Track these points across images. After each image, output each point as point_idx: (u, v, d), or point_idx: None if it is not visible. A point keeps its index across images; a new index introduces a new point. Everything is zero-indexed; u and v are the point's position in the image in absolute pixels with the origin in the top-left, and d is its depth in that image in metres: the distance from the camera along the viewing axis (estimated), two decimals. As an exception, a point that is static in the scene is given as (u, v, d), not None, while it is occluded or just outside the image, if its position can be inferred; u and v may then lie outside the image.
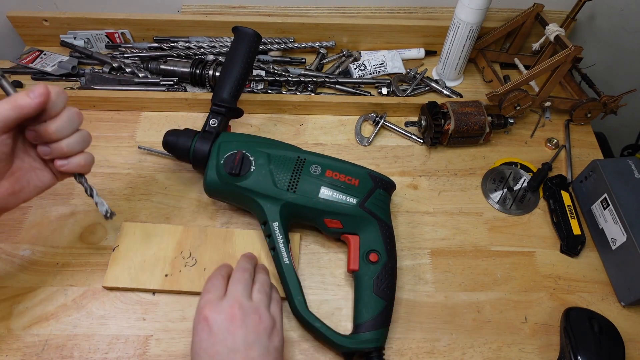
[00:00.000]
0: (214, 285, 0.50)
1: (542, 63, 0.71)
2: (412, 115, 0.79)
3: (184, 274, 0.59)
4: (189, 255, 0.61)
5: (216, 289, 0.50)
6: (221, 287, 0.50)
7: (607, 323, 0.58)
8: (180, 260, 0.60)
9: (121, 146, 0.73)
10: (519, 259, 0.65)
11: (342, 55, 0.85)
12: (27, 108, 0.44)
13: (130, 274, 0.59)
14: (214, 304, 0.48)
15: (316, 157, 0.62)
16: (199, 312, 0.48)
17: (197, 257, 0.60)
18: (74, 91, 0.75)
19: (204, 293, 0.50)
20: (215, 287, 0.50)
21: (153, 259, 0.60)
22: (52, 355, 0.55)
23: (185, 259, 0.60)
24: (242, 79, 0.65)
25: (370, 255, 0.58)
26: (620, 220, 0.61)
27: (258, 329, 0.47)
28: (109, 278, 0.59)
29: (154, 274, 0.59)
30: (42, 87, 0.45)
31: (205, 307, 0.48)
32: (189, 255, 0.61)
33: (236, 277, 0.52)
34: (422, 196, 0.71)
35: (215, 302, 0.48)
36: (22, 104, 0.44)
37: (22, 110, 0.44)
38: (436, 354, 0.57)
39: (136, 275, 0.59)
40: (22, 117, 0.45)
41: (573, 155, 0.76)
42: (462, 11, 0.72)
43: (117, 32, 0.82)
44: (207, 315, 0.47)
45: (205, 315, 0.47)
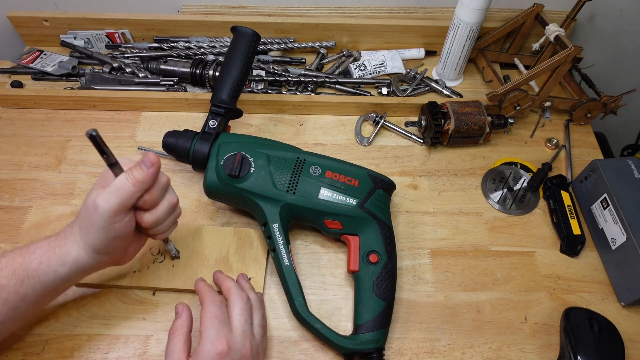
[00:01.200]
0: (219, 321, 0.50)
1: (542, 63, 0.71)
2: (412, 115, 0.79)
3: (152, 270, 0.60)
4: (158, 252, 0.61)
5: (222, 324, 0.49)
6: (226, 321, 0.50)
7: (607, 323, 0.58)
8: (149, 256, 0.61)
9: (121, 146, 0.73)
10: (519, 259, 0.65)
11: (342, 55, 0.85)
12: (146, 180, 0.45)
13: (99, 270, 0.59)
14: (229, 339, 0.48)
15: (316, 157, 0.62)
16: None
17: (166, 254, 0.61)
18: (74, 91, 0.75)
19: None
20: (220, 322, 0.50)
21: None
22: (52, 355, 0.55)
23: (154, 256, 0.61)
24: (241, 79, 0.65)
25: (370, 256, 0.58)
26: (620, 220, 0.61)
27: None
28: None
29: (123, 270, 0.59)
30: (152, 155, 0.46)
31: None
32: (157, 252, 0.61)
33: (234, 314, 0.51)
34: (422, 196, 0.71)
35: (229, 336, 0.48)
36: (140, 178, 0.45)
37: (142, 184, 0.45)
38: (436, 354, 0.57)
39: (105, 271, 0.58)
40: (143, 191, 0.46)
41: (573, 155, 0.76)
42: (462, 11, 0.72)
43: (117, 32, 0.82)
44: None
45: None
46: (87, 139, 0.41)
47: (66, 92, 0.75)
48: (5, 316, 0.46)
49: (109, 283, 0.59)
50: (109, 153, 0.43)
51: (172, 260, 0.60)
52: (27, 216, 0.65)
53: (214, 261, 0.61)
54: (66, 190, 0.68)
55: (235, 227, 0.64)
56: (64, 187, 0.68)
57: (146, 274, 0.59)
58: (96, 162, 0.71)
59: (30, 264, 0.46)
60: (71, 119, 0.76)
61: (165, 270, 0.60)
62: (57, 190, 0.68)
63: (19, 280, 0.45)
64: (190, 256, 0.61)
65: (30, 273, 0.46)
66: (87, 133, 0.40)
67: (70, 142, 0.73)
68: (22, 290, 0.46)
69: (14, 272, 0.45)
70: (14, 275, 0.45)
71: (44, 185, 0.68)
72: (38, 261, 0.46)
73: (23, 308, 0.47)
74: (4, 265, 0.46)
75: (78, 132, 0.74)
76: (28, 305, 0.47)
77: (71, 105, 0.76)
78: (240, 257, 0.61)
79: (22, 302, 0.46)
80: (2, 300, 0.45)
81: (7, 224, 0.65)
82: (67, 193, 0.68)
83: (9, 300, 0.45)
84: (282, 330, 0.58)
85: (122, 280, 0.59)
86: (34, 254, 0.46)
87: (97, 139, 0.41)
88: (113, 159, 0.44)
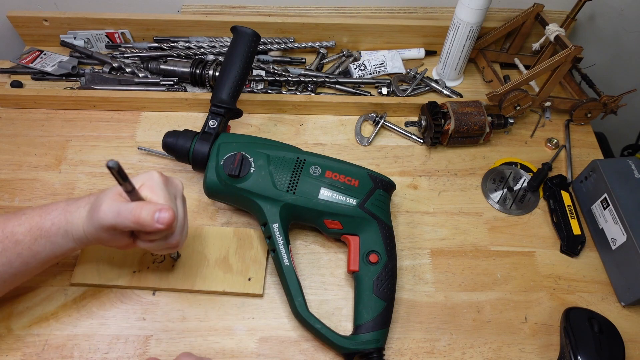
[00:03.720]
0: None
1: (542, 63, 0.71)
2: (412, 115, 0.79)
3: (152, 270, 0.60)
4: None
5: None
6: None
7: (607, 323, 0.58)
8: (149, 257, 0.61)
9: (121, 146, 0.73)
10: (519, 259, 0.65)
11: (342, 55, 0.85)
12: (147, 227, 0.45)
13: (98, 270, 0.59)
14: None
15: (316, 157, 0.62)
16: None
17: (166, 254, 0.61)
18: (74, 91, 0.75)
19: None
20: None
21: (121, 256, 0.60)
22: (52, 355, 0.55)
23: (154, 256, 0.61)
24: (241, 79, 0.65)
25: (370, 256, 0.58)
26: (620, 220, 0.61)
27: None
28: (77, 275, 0.59)
29: (122, 271, 0.59)
30: (169, 214, 0.45)
31: None
32: None
33: None
34: (422, 196, 0.71)
35: None
36: (144, 222, 0.44)
37: (141, 227, 0.45)
38: (436, 354, 0.57)
39: (104, 272, 0.59)
40: (140, 230, 0.46)
41: (573, 155, 0.76)
42: (462, 11, 0.72)
43: (117, 32, 0.82)
44: None
45: None
46: (91, 138, 0.41)
47: (66, 92, 0.75)
48: (17, 269, 0.49)
49: (109, 283, 0.59)
50: (129, 180, 0.43)
51: (172, 261, 0.60)
52: (27, 216, 0.65)
53: (214, 261, 0.61)
54: (66, 190, 0.68)
55: (235, 227, 0.64)
56: (64, 187, 0.68)
57: (146, 274, 0.59)
58: (96, 162, 0.71)
59: (44, 224, 0.48)
60: (71, 119, 0.76)
61: (165, 271, 0.60)
62: (57, 190, 0.68)
63: (33, 238, 0.48)
64: (191, 256, 0.61)
65: (43, 232, 0.48)
66: (108, 165, 0.39)
67: (70, 142, 0.73)
68: (35, 248, 0.48)
69: (30, 229, 0.48)
70: (30, 232, 0.48)
71: (44, 185, 0.68)
72: (51, 222, 0.48)
73: (33, 264, 0.50)
74: (23, 221, 0.49)
75: (78, 132, 0.74)
76: (38, 262, 0.50)
77: (71, 105, 0.76)
78: (240, 257, 0.61)
79: (33, 259, 0.49)
80: (16, 254, 0.48)
81: (7, 224, 0.64)
82: (67, 193, 0.68)
83: (22, 255, 0.48)
84: (282, 330, 0.58)
85: (122, 280, 0.59)
86: (50, 215, 0.49)
87: (118, 170, 0.40)
88: (130, 186, 0.44)
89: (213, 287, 0.59)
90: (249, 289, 0.59)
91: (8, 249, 0.48)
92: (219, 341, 0.57)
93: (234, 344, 0.57)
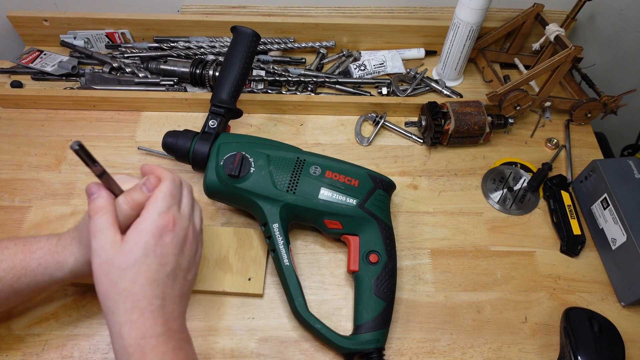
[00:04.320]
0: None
1: (542, 63, 0.71)
2: (412, 115, 0.79)
3: None
4: None
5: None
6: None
7: (607, 323, 0.58)
8: None
9: (121, 146, 0.73)
10: (519, 259, 0.65)
11: (342, 55, 0.85)
12: (142, 201, 0.44)
13: None
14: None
15: (316, 157, 0.62)
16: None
17: None
18: (74, 91, 0.75)
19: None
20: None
21: None
22: (52, 355, 0.55)
23: None
24: (241, 79, 0.65)
25: (370, 256, 0.58)
26: (620, 220, 0.61)
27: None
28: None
29: None
30: (153, 179, 0.45)
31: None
32: None
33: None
34: (422, 196, 0.71)
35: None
36: (139, 201, 0.44)
37: (140, 208, 0.44)
38: (436, 354, 0.57)
39: None
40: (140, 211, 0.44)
41: (573, 155, 0.76)
42: (462, 11, 0.72)
43: (117, 32, 0.82)
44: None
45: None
46: (91, 138, 0.40)
47: (66, 92, 0.75)
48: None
49: None
50: (97, 163, 0.42)
51: None
52: (27, 216, 0.65)
53: (213, 261, 0.61)
54: (66, 190, 0.68)
55: (235, 227, 0.64)
56: (64, 187, 0.68)
57: None
58: (96, 162, 0.71)
59: (29, 263, 0.47)
60: (71, 119, 0.76)
61: None
62: (57, 190, 0.68)
63: (15, 276, 0.46)
64: None
65: (28, 272, 0.47)
66: (71, 146, 0.37)
67: (70, 142, 0.73)
68: (17, 286, 0.47)
69: (13, 267, 0.46)
70: (12, 271, 0.46)
71: (43, 185, 0.68)
72: (37, 262, 0.47)
73: (13, 299, 0.49)
74: (5, 257, 0.47)
75: (78, 132, 0.74)
76: (18, 297, 0.49)
77: (71, 105, 0.76)
78: (240, 257, 0.61)
79: (14, 295, 0.48)
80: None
81: (7, 224, 0.65)
82: (67, 193, 0.68)
83: (3, 291, 0.47)
84: (282, 330, 0.58)
85: None
86: (35, 254, 0.47)
87: (82, 151, 0.39)
88: (100, 170, 0.42)
89: (213, 287, 0.59)
90: (249, 289, 0.59)
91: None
92: (219, 341, 0.57)
93: (234, 344, 0.57)
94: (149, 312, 0.41)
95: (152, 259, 0.42)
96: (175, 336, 0.43)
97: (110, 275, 0.41)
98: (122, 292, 0.41)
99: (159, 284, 0.42)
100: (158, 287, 0.42)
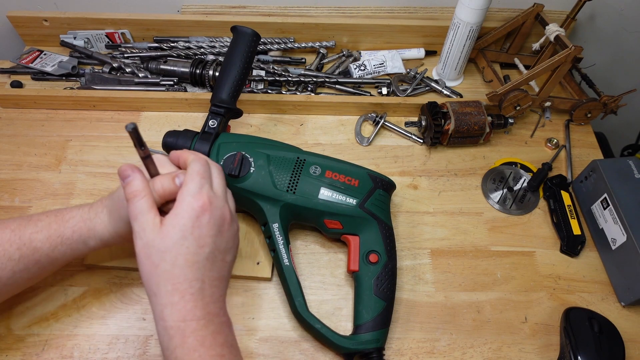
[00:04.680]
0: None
1: (542, 63, 0.71)
2: (412, 115, 0.79)
3: None
4: None
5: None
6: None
7: (607, 323, 0.58)
8: None
9: (121, 146, 0.73)
10: (519, 259, 0.65)
11: (342, 55, 0.85)
12: (174, 194, 0.45)
13: (111, 253, 0.60)
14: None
15: (316, 157, 0.62)
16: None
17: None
18: (74, 91, 0.75)
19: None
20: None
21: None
22: (52, 355, 0.55)
23: None
24: (241, 79, 0.65)
25: (370, 255, 0.58)
26: (620, 220, 0.61)
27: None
28: (90, 256, 0.60)
29: (134, 253, 0.59)
30: (183, 175, 0.45)
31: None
32: None
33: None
34: (422, 196, 0.71)
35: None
36: (172, 190, 0.45)
37: (172, 195, 0.45)
38: (436, 354, 0.57)
39: (117, 254, 0.60)
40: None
41: (573, 155, 0.76)
42: (462, 11, 0.72)
43: (117, 32, 0.82)
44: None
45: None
46: (91, 138, 0.41)
47: (66, 92, 0.75)
48: (33, 274, 0.49)
49: (121, 265, 0.60)
50: (145, 145, 0.43)
51: None
52: (27, 216, 0.65)
53: None
54: (66, 190, 0.68)
55: (244, 214, 0.64)
56: (64, 187, 0.68)
57: None
58: (96, 162, 0.71)
59: (64, 232, 0.48)
60: (71, 119, 0.76)
61: None
62: (57, 190, 0.68)
63: (52, 245, 0.48)
64: None
65: (64, 240, 0.48)
66: (126, 127, 0.39)
67: (70, 142, 0.73)
68: (54, 255, 0.48)
69: (49, 237, 0.48)
70: (49, 240, 0.48)
71: (43, 185, 0.68)
72: (72, 230, 0.49)
73: (49, 269, 0.50)
74: (40, 228, 0.48)
75: (78, 132, 0.74)
76: (55, 266, 0.50)
77: (71, 105, 0.76)
78: (249, 242, 0.62)
79: (51, 265, 0.49)
80: (34, 261, 0.48)
81: (7, 224, 0.64)
82: (67, 193, 0.68)
83: (41, 262, 0.48)
84: (282, 330, 0.58)
85: (133, 262, 0.59)
86: (68, 222, 0.49)
87: (134, 133, 0.40)
88: (146, 152, 0.43)
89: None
90: (257, 273, 0.60)
91: (26, 256, 0.47)
92: (219, 341, 0.57)
93: (234, 344, 0.57)
94: (189, 295, 0.42)
95: (190, 241, 0.42)
96: (214, 320, 0.43)
97: (151, 257, 0.42)
98: (163, 274, 0.42)
99: (198, 266, 0.43)
100: (198, 269, 0.43)
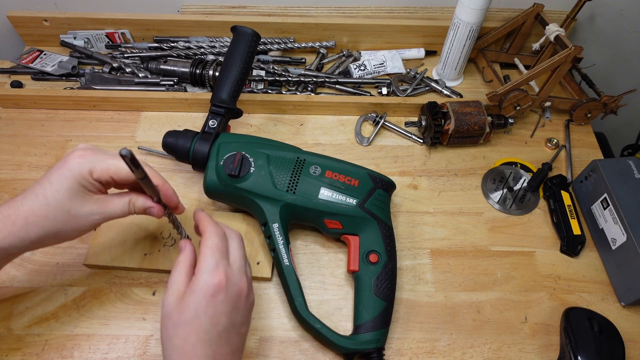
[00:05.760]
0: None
1: (542, 63, 0.71)
2: (412, 115, 0.79)
3: (162, 253, 0.61)
4: (168, 236, 0.62)
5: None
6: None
7: (607, 323, 0.58)
8: (160, 240, 0.62)
9: (121, 146, 0.72)
10: (519, 259, 0.65)
11: (342, 55, 0.85)
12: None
13: (110, 253, 0.60)
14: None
15: (316, 157, 0.62)
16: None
17: (176, 238, 0.62)
18: (74, 91, 0.75)
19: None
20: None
21: (133, 239, 0.61)
22: (52, 355, 0.55)
23: (165, 239, 0.62)
24: (241, 79, 0.65)
25: (370, 255, 0.58)
26: (620, 220, 0.61)
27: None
28: (90, 256, 0.60)
29: (134, 253, 0.60)
30: (158, 209, 0.50)
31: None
32: (168, 236, 0.62)
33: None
34: (422, 196, 0.71)
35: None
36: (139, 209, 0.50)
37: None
38: (436, 354, 0.57)
39: (116, 254, 0.60)
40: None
41: (573, 155, 0.76)
42: (462, 11, 0.72)
43: (117, 32, 0.82)
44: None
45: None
46: (91, 138, 0.40)
47: (66, 92, 0.75)
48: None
49: (121, 265, 0.60)
50: (142, 167, 0.42)
51: None
52: (27, 216, 0.65)
53: None
54: (66, 190, 0.68)
55: (245, 214, 0.64)
56: (64, 187, 0.68)
57: (157, 257, 0.60)
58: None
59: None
60: (71, 119, 0.76)
61: (174, 254, 0.60)
62: (57, 190, 0.68)
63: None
64: (199, 239, 0.61)
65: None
66: (121, 153, 0.38)
67: (70, 142, 0.73)
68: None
69: None
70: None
71: (43, 185, 0.68)
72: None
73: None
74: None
75: (78, 132, 0.74)
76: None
77: (71, 105, 0.76)
78: (249, 242, 0.62)
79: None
80: None
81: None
82: (67, 193, 0.68)
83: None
84: (282, 330, 0.58)
85: (133, 262, 0.60)
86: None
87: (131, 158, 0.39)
88: (142, 174, 0.43)
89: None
90: (257, 273, 0.60)
91: None
92: (219, 341, 0.57)
93: (234, 344, 0.57)
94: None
95: (204, 320, 0.43)
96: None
97: (167, 329, 0.43)
98: (176, 348, 0.43)
99: (210, 343, 0.43)
100: (210, 346, 0.43)
